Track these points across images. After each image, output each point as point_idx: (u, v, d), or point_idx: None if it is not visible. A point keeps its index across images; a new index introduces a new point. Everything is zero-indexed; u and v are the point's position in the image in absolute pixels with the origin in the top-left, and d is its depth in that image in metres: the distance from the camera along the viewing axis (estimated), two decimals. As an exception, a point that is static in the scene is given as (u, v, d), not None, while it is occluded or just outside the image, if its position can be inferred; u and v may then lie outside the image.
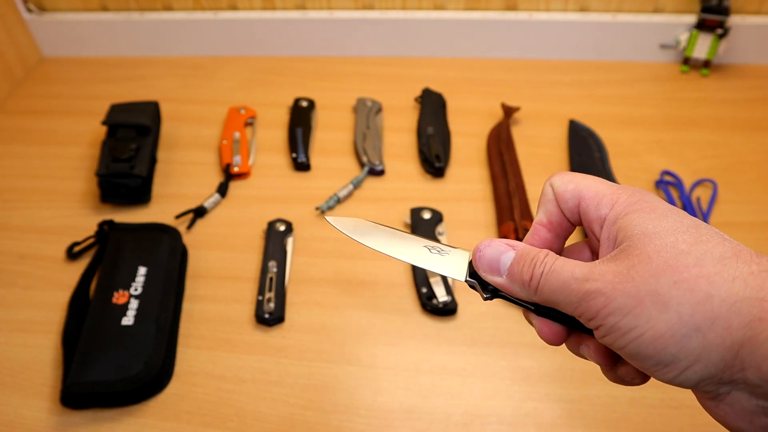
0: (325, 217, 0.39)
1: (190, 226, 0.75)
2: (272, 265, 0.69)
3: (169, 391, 0.60)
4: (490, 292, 0.34)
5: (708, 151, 0.83)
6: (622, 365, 0.33)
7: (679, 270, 0.27)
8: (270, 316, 0.65)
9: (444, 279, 0.67)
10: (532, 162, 0.81)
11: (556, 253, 0.35)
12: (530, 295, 0.32)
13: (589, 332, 0.32)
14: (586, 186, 0.33)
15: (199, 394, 0.60)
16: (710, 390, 0.28)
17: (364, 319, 0.65)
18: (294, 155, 0.83)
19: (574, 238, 0.77)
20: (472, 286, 0.35)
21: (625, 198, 0.31)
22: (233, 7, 1.00)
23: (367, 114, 0.88)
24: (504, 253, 0.33)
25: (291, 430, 0.57)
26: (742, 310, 0.26)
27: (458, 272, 0.35)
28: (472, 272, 0.35)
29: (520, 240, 0.38)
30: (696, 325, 0.26)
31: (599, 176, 0.82)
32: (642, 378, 0.32)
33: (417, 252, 0.36)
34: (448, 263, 0.36)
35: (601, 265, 0.30)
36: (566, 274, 0.30)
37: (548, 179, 0.35)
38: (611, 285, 0.28)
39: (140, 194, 0.77)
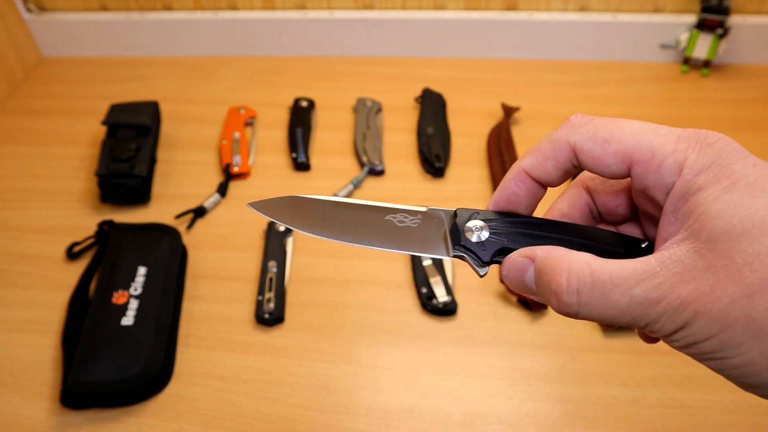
0: (247, 204, 0.31)
1: (190, 226, 0.75)
2: (272, 265, 0.69)
3: (169, 391, 0.60)
4: (486, 264, 0.29)
5: (708, 151, 0.83)
6: None
7: None
8: (270, 316, 0.65)
9: (444, 279, 0.67)
10: (532, 162, 0.81)
11: (537, 196, 0.30)
12: (571, 313, 0.26)
13: None
14: (634, 143, 0.26)
15: (199, 394, 0.60)
16: None
17: (364, 319, 0.65)
18: (294, 155, 0.82)
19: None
20: (461, 257, 0.29)
21: (693, 158, 0.25)
22: (233, 7, 1.00)
23: (367, 114, 0.88)
24: (525, 271, 0.28)
25: (291, 430, 0.57)
26: None
27: (439, 248, 0.29)
28: (456, 240, 0.29)
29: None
30: None
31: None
32: None
33: (382, 229, 0.30)
34: (424, 238, 0.30)
35: (670, 275, 0.24)
36: (622, 299, 0.24)
37: (563, 130, 0.28)
38: (692, 307, 0.23)
39: (140, 194, 0.77)
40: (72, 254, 0.72)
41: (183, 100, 0.94)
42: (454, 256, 0.29)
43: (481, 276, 0.29)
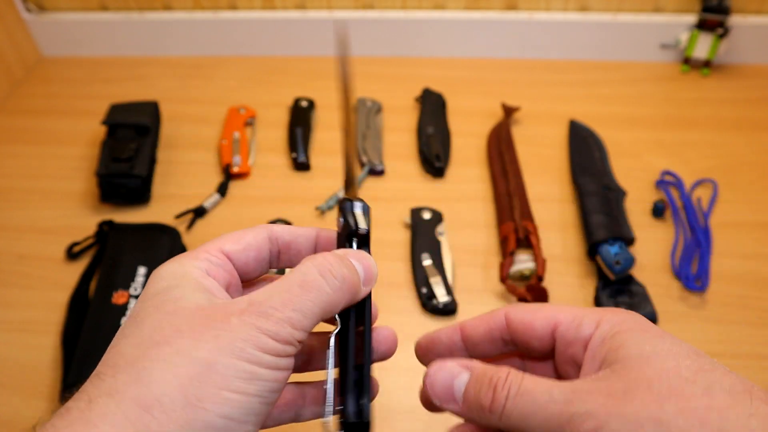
0: None
1: (189, 226, 0.75)
2: (272, 265, 0.69)
3: (169, 392, 0.60)
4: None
5: (708, 151, 0.83)
6: None
7: (685, 398, 0.24)
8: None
9: (444, 279, 0.67)
10: (532, 162, 0.81)
11: (455, 351, 0.33)
12: (493, 421, 0.28)
13: None
14: (559, 310, 0.31)
15: (199, 394, 0.59)
16: None
17: (364, 320, 0.65)
18: (294, 155, 0.82)
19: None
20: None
21: (610, 316, 0.29)
22: (233, 7, 0.99)
23: (367, 114, 0.88)
24: (457, 376, 0.30)
25: (291, 430, 0.57)
26: None
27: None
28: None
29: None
30: None
31: (599, 176, 0.81)
32: None
33: None
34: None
35: (587, 385, 0.26)
36: (542, 396, 0.26)
37: (502, 310, 0.32)
38: (604, 408, 0.25)
39: (140, 194, 0.77)
40: (72, 254, 0.72)
41: (183, 100, 0.94)
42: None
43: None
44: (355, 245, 0.33)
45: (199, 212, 0.76)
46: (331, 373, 0.31)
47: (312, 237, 0.35)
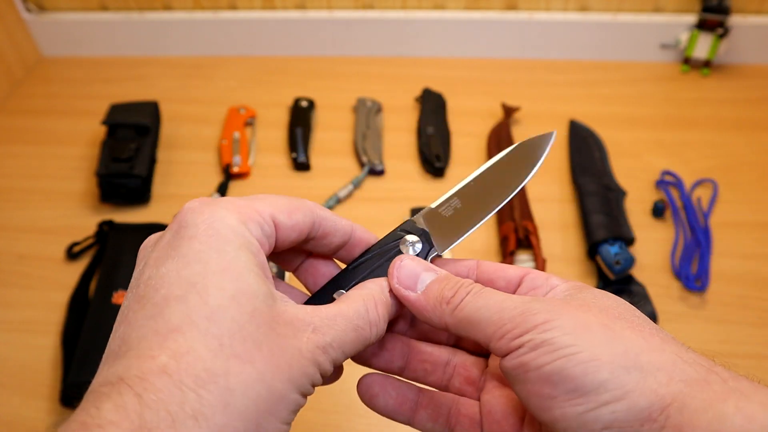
0: None
1: (190, 226, 0.75)
2: (272, 265, 0.69)
3: (169, 392, 0.60)
4: None
5: (708, 151, 0.83)
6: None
7: (635, 324, 0.28)
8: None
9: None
10: (533, 162, 0.81)
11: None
12: (445, 314, 0.30)
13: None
14: (530, 269, 0.34)
15: (199, 394, 0.59)
16: None
17: (364, 319, 0.65)
18: (294, 155, 0.82)
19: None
20: None
21: (575, 282, 0.32)
22: (233, 7, 0.99)
23: (367, 114, 0.88)
24: (426, 270, 0.32)
25: (291, 430, 0.57)
26: (687, 369, 0.26)
27: None
28: None
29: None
30: (640, 365, 0.26)
31: (599, 176, 0.81)
32: None
33: None
34: None
35: (546, 299, 0.30)
36: (500, 296, 0.29)
37: (475, 259, 0.35)
38: (557, 308, 0.28)
39: (140, 194, 0.77)
40: (72, 254, 0.72)
41: (183, 100, 0.94)
42: None
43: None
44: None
45: (199, 212, 0.76)
46: None
47: (348, 234, 0.35)
